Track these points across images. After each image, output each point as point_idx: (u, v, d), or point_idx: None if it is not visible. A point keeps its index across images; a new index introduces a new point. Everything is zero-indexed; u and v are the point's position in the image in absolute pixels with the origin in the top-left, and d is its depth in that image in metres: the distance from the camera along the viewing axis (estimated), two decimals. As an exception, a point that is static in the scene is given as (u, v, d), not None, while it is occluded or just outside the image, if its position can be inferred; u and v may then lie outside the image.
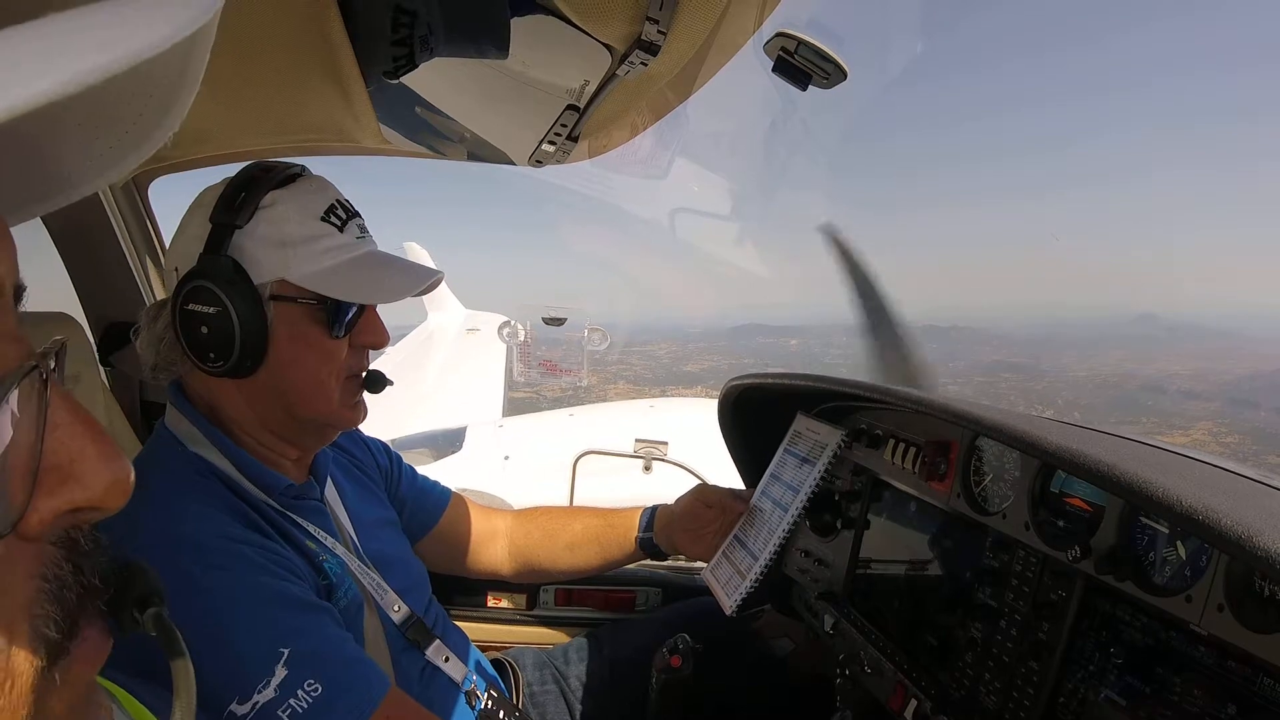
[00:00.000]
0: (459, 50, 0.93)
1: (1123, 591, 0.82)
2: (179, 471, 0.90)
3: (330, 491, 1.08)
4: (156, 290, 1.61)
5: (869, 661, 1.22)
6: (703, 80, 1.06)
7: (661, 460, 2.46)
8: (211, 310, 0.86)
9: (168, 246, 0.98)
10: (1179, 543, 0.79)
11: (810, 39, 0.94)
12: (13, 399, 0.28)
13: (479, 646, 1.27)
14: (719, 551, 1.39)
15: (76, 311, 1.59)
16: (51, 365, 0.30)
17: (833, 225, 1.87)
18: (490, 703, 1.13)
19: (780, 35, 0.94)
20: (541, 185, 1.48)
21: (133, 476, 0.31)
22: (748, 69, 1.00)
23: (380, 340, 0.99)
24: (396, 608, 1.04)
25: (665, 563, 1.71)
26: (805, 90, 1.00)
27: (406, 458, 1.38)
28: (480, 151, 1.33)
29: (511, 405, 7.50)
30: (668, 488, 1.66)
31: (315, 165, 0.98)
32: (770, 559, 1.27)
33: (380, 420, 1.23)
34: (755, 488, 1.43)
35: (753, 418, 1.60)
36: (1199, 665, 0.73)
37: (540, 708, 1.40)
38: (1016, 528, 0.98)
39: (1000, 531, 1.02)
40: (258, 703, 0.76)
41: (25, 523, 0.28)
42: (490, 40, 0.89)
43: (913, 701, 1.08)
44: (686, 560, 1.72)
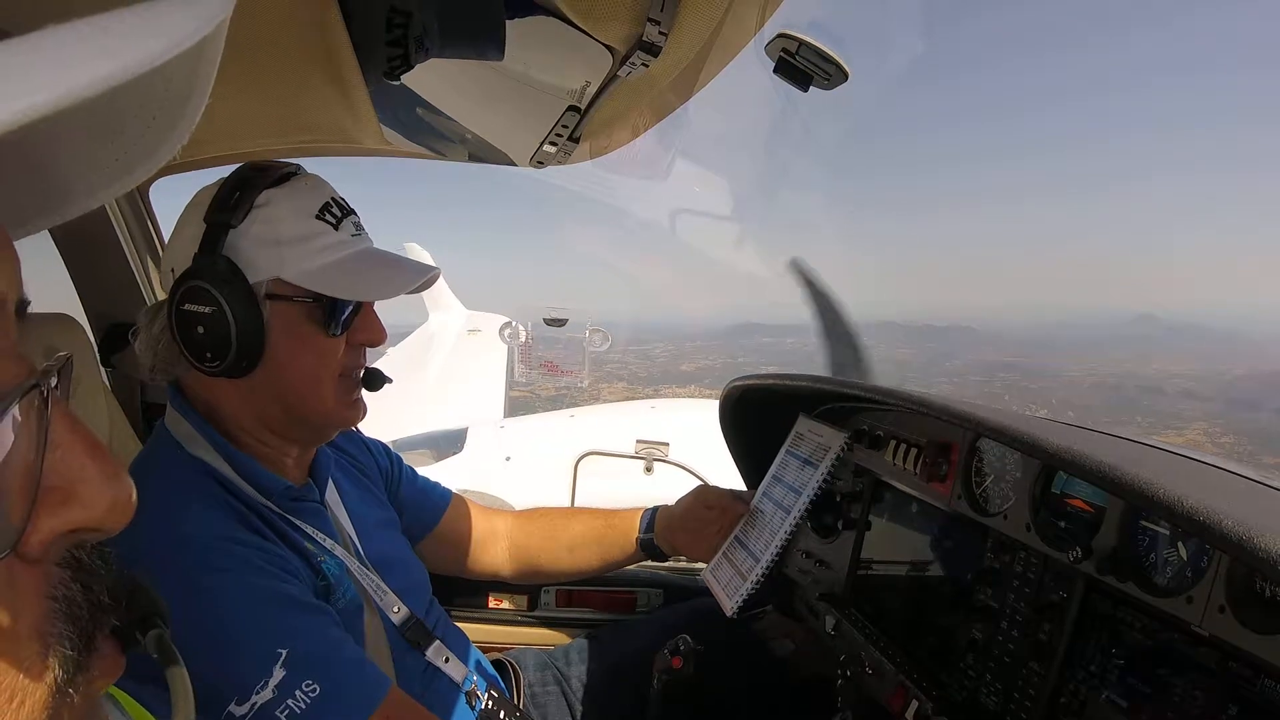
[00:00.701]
0: (459, 52, 0.93)
1: (1124, 592, 0.82)
2: (178, 473, 0.90)
3: (331, 493, 1.08)
4: (157, 291, 1.61)
5: (870, 662, 1.22)
6: (704, 81, 1.06)
7: (663, 461, 2.46)
8: (207, 310, 0.86)
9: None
10: (1180, 544, 0.78)
11: (811, 40, 0.94)
12: (11, 417, 0.27)
13: (480, 647, 1.27)
14: (719, 553, 1.39)
15: (77, 312, 1.59)
16: (53, 382, 0.30)
17: (799, 260, 2.01)
18: (491, 703, 1.13)
19: (781, 36, 0.94)
20: (542, 186, 1.48)
21: (134, 496, 0.31)
22: (749, 70, 1.00)
23: (377, 338, 0.99)
24: (396, 609, 1.04)
25: (666, 564, 1.71)
26: (806, 91, 1.00)
27: (407, 458, 1.38)
28: (481, 152, 1.33)
29: (507, 404, 7.49)
30: (669, 489, 1.66)
31: (316, 166, 0.98)
32: (771, 561, 1.27)
33: (381, 421, 1.23)
34: (756, 489, 1.43)
35: (754, 418, 1.60)
36: (1200, 666, 0.73)
37: (541, 708, 1.40)
38: (1017, 529, 0.98)
39: (1001, 532, 1.01)
40: (256, 703, 0.76)
41: (25, 543, 0.28)
42: (489, 41, 0.89)
43: (914, 702, 1.08)
44: (687, 561, 1.72)
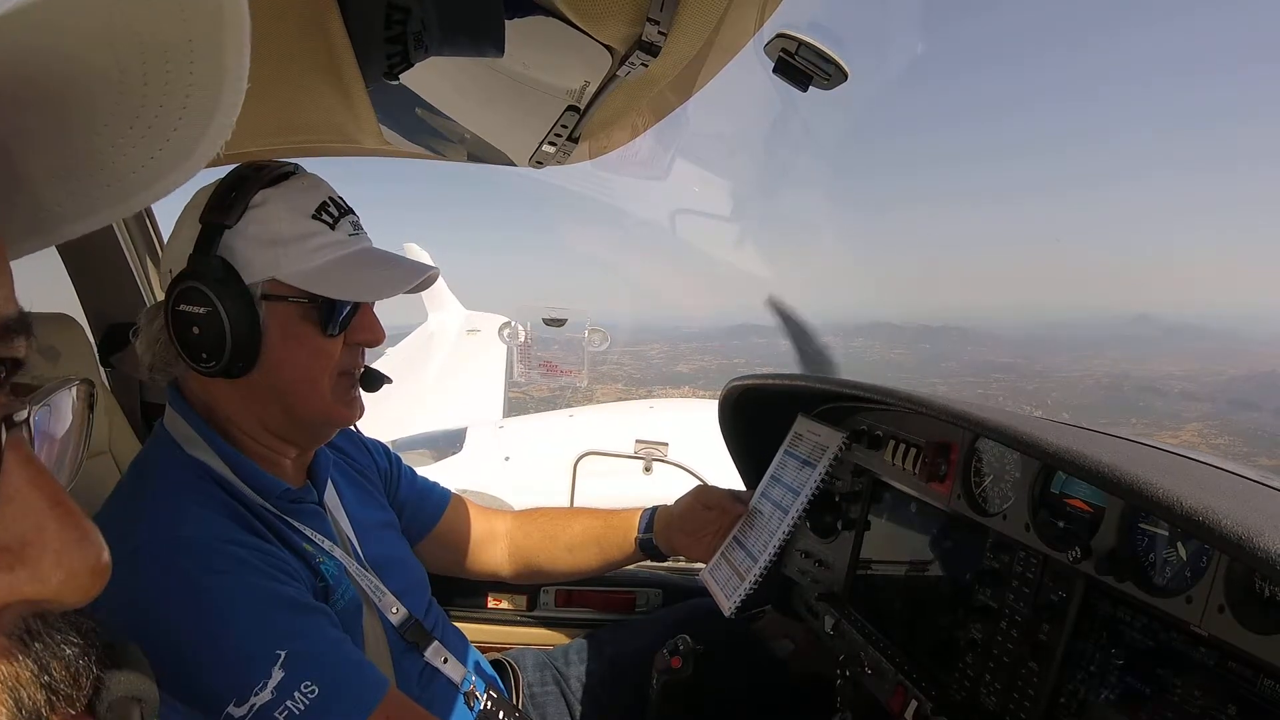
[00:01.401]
0: (458, 51, 0.93)
1: (1123, 592, 0.82)
2: (177, 474, 0.90)
3: (329, 495, 1.07)
4: (157, 291, 1.61)
5: (869, 662, 1.22)
6: (703, 81, 1.06)
7: (662, 461, 2.46)
8: (202, 311, 0.86)
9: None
10: (1179, 544, 0.79)
11: (811, 40, 0.94)
12: None
13: (479, 647, 1.27)
14: (718, 553, 1.39)
15: (77, 312, 1.59)
16: (23, 416, 0.26)
17: (776, 297, 2.16)
18: (489, 704, 1.13)
19: (781, 36, 0.94)
20: (542, 186, 1.48)
21: (105, 561, 0.26)
22: (749, 70, 1.00)
23: (375, 338, 0.99)
24: (395, 610, 1.04)
25: (665, 564, 1.71)
26: (806, 91, 1.00)
27: (407, 458, 1.38)
28: (480, 152, 1.33)
29: (506, 404, 7.51)
30: (668, 489, 1.66)
31: (315, 166, 0.98)
32: (769, 561, 1.27)
33: (381, 421, 1.23)
34: (755, 489, 1.43)
35: (753, 419, 1.60)
36: (1199, 666, 0.73)
37: (540, 708, 1.39)
38: (1017, 529, 0.98)
39: (1000, 532, 1.01)
40: (255, 704, 0.76)
41: None
42: (489, 41, 0.89)
43: (913, 702, 1.08)
44: (686, 561, 1.72)
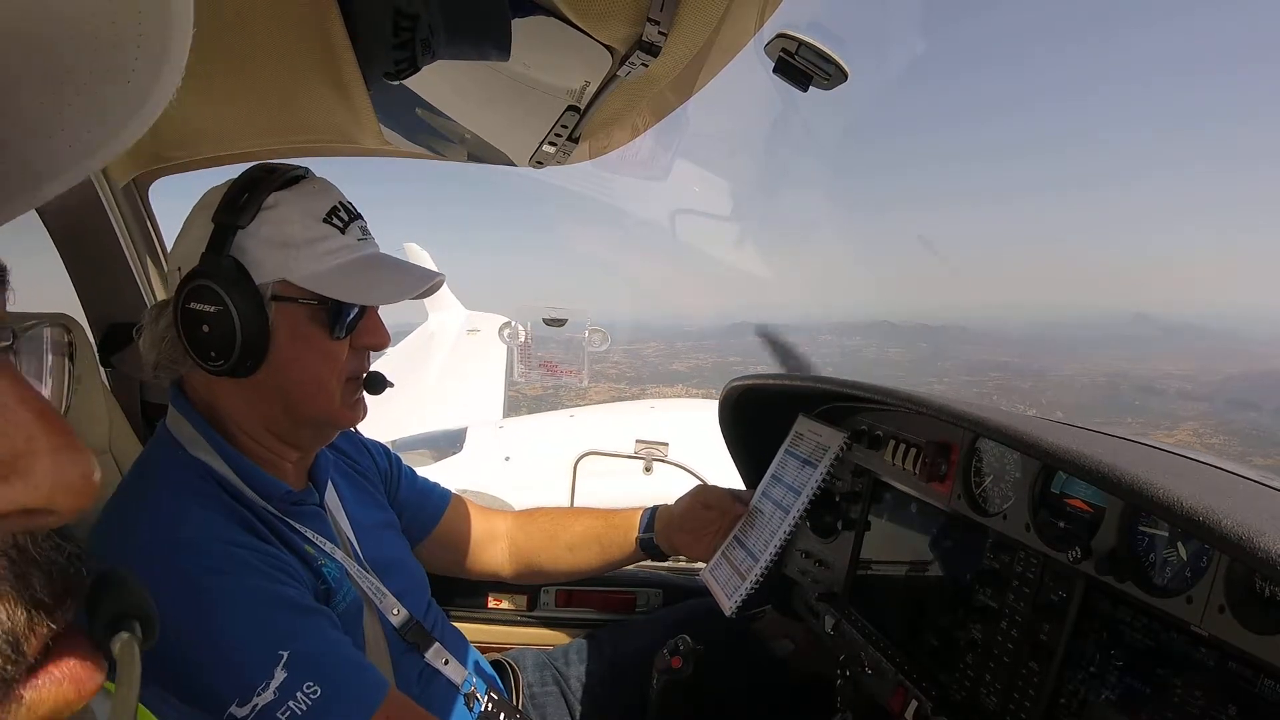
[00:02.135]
0: (460, 52, 0.93)
1: (1123, 593, 0.82)
2: (179, 475, 0.90)
3: (330, 496, 1.08)
4: (157, 291, 1.61)
5: (869, 662, 1.22)
6: (703, 81, 1.06)
7: (662, 461, 2.46)
8: (213, 309, 0.86)
9: (171, 247, 0.98)
10: (1179, 544, 0.79)
11: (811, 40, 0.94)
12: None
13: (479, 648, 1.27)
14: (719, 552, 1.39)
15: (77, 312, 1.59)
16: (7, 342, 0.27)
17: (766, 327, 2.17)
18: (490, 704, 1.13)
19: (781, 36, 0.94)
20: (542, 186, 1.48)
21: (96, 474, 0.27)
22: (749, 70, 1.00)
23: (381, 342, 1.00)
24: (395, 611, 1.04)
25: (665, 564, 1.71)
26: (806, 91, 1.00)
27: (407, 458, 1.38)
28: (481, 153, 1.33)
29: (506, 404, 7.51)
30: (668, 488, 1.66)
31: (315, 166, 0.99)
32: (770, 561, 1.27)
33: (381, 421, 1.23)
34: (755, 489, 1.43)
35: (753, 418, 1.60)
36: (1200, 666, 0.73)
37: (541, 709, 1.40)
38: (1017, 529, 0.98)
39: (1001, 533, 1.01)
40: (257, 705, 0.77)
41: None
42: (490, 42, 0.89)
43: (913, 703, 1.08)
44: (687, 561, 1.72)
